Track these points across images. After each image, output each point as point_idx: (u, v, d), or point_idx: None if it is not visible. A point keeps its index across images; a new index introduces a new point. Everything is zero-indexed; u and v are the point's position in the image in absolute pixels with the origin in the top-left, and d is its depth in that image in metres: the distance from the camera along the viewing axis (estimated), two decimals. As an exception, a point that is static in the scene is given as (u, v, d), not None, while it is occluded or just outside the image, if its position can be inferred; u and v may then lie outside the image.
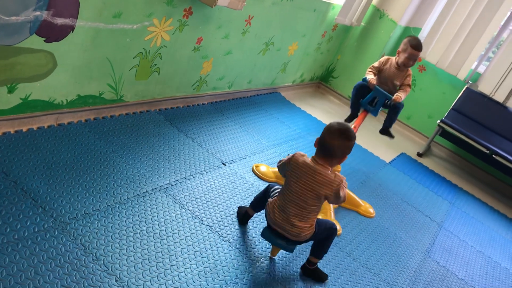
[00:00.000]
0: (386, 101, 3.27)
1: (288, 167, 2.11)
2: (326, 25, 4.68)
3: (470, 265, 3.12)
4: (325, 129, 2.08)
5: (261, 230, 2.25)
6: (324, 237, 2.21)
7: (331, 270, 2.42)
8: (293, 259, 2.36)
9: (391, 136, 3.56)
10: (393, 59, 3.37)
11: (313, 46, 4.73)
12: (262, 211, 2.42)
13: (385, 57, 3.42)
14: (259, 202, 2.36)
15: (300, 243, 2.18)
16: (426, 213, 3.56)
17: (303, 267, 2.31)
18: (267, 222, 2.18)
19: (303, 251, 2.45)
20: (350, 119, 3.53)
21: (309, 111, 4.58)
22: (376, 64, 3.40)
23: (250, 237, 2.36)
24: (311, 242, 2.31)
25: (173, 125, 3.05)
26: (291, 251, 2.17)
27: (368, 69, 3.41)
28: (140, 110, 3.02)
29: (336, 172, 2.09)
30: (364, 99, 3.30)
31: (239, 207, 2.49)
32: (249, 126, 3.59)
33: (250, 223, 2.45)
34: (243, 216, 2.43)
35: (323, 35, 4.77)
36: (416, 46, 3.26)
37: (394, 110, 3.41)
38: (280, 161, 2.19)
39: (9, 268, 1.61)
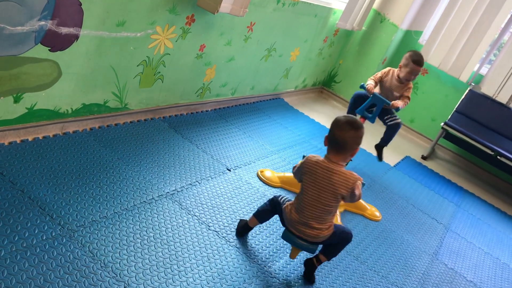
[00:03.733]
0: (384, 107, 3.31)
1: (302, 170, 2.10)
2: (327, 30, 4.69)
3: (478, 267, 3.10)
4: (332, 125, 2.08)
5: (282, 233, 2.22)
6: (338, 240, 2.18)
7: (339, 273, 2.41)
8: (301, 263, 2.35)
9: (380, 156, 3.63)
10: (395, 71, 3.43)
11: (315, 51, 4.75)
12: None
13: (388, 68, 3.47)
14: (265, 214, 2.30)
15: (323, 243, 2.17)
16: (433, 216, 3.55)
17: (308, 261, 2.27)
18: (285, 225, 2.17)
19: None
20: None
21: (312, 116, 4.59)
22: (378, 74, 3.46)
23: (257, 242, 2.36)
24: None
25: (178, 132, 3.06)
26: (313, 251, 2.16)
27: (370, 78, 3.45)
28: (144, 118, 3.03)
29: (351, 171, 2.08)
30: (361, 106, 3.32)
31: (241, 220, 2.42)
32: (253, 132, 3.60)
33: (257, 227, 2.44)
34: (243, 227, 2.36)
35: (324, 40, 4.78)
36: (417, 61, 3.32)
37: (391, 129, 3.50)
38: (294, 166, 2.19)
39: (18, 276, 1.61)
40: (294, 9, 3.88)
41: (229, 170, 2.90)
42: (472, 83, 4.99)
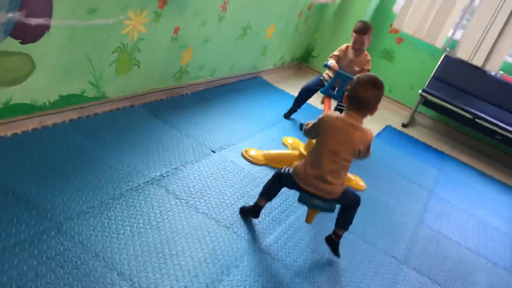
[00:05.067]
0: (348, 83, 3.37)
1: (320, 125, 2.15)
2: (301, 5, 4.67)
3: (463, 227, 3.19)
4: (354, 83, 2.13)
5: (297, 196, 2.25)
6: (348, 202, 2.25)
7: (328, 245, 2.45)
8: (291, 237, 2.39)
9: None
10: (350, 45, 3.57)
11: (290, 27, 4.73)
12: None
13: (344, 45, 3.62)
14: (271, 189, 2.32)
15: (337, 201, 2.21)
16: (416, 182, 3.62)
17: (328, 238, 2.34)
18: (298, 185, 2.17)
19: (302, 226, 2.47)
20: (289, 114, 3.86)
21: (293, 92, 4.57)
22: (336, 52, 3.61)
23: (246, 220, 2.38)
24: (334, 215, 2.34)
25: (158, 118, 3.04)
26: (332, 210, 2.22)
27: (329, 57, 3.59)
28: (123, 106, 3.00)
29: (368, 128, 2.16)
30: (326, 86, 3.37)
31: (241, 207, 2.41)
32: (234, 112, 3.59)
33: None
34: (254, 209, 2.36)
35: (299, 15, 4.76)
36: (356, 29, 3.47)
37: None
38: (306, 126, 2.25)
39: (9, 273, 1.61)
40: (266, -15, 3.85)
41: (214, 152, 2.91)
42: (447, 49, 5.05)
